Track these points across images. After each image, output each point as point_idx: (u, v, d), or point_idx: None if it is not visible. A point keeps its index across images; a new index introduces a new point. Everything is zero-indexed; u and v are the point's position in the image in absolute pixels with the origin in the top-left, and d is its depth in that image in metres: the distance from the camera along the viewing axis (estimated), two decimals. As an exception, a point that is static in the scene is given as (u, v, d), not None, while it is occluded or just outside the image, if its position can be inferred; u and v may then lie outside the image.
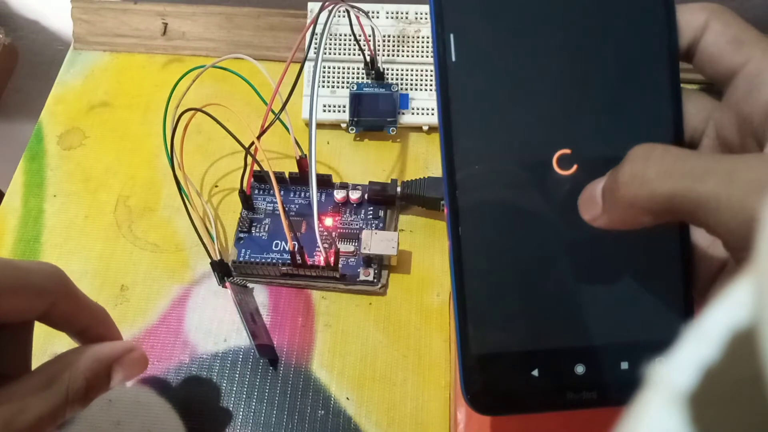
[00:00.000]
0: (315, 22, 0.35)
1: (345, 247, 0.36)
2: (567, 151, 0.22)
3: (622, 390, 0.22)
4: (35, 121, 0.42)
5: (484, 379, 0.22)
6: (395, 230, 0.37)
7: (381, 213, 0.38)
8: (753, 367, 0.08)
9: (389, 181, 0.37)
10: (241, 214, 0.37)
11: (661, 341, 0.21)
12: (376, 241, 0.34)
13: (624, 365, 0.22)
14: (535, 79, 0.22)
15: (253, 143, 0.34)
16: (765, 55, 0.20)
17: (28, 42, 0.53)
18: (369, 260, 0.36)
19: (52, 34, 0.53)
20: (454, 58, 0.21)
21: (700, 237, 0.22)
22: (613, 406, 0.22)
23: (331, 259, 0.34)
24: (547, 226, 0.22)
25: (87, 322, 0.26)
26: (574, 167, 0.22)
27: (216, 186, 0.40)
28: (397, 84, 0.40)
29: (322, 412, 0.33)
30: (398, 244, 0.35)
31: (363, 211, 0.38)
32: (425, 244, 0.37)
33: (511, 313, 0.22)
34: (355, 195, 0.37)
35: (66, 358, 0.24)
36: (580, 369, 0.22)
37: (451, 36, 0.21)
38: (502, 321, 0.22)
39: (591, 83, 0.22)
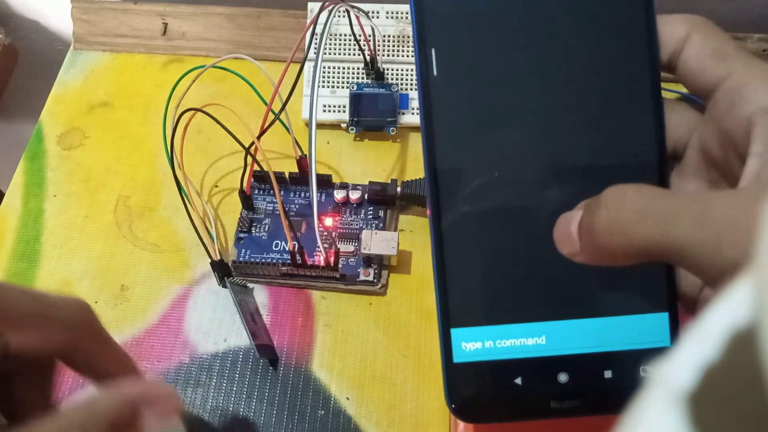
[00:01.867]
0: (315, 22, 0.35)
1: (345, 247, 0.36)
2: (547, 163, 0.22)
3: (605, 398, 0.22)
4: (35, 121, 0.42)
5: (468, 388, 0.22)
6: (395, 230, 0.37)
7: (381, 213, 0.38)
8: (753, 367, 0.08)
9: (389, 181, 0.37)
10: (241, 214, 0.37)
11: (645, 350, 0.22)
12: (376, 241, 0.34)
13: (607, 374, 0.22)
14: (516, 94, 0.22)
15: (253, 143, 0.34)
16: (745, 68, 0.20)
17: (28, 42, 0.53)
18: (369, 260, 0.36)
19: (52, 34, 0.53)
20: (435, 73, 0.22)
21: None
22: (596, 414, 0.22)
23: (331, 259, 0.34)
24: (530, 238, 0.22)
25: (111, 366, 0.24)
26: (554, 180, 0.22)
27: (216, 186, 0.40)
28: (397, 84, 0.40)
29: (322, 412, 0.33)
30: (398, 244, 0.35)
31: (363, 211, 0.38)
32: (425, 244, 0.37)
33: (494, 321, 0.22)
34: (355, 195, 0.37)
35: (89, 399, 0.21)
36: (563, 377, 0.22)
37: (433, 51, 0.22)
38: (486, 329, 0.22)
39: (571, 97, 0.22)
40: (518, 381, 0.22)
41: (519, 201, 0.22)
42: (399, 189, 0.37)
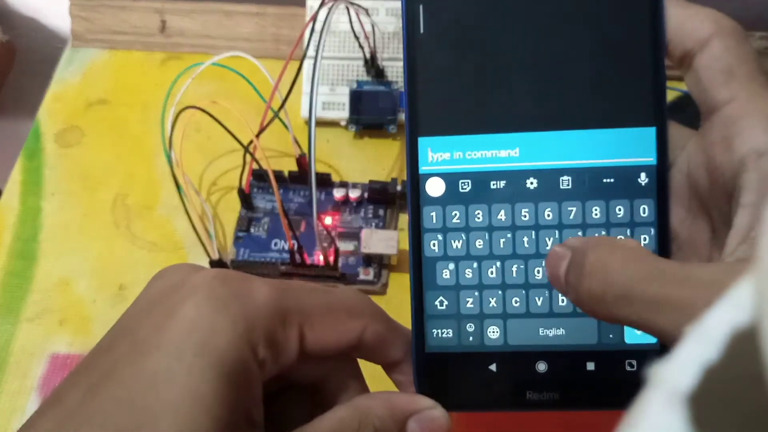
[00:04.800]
0: (314, 19, 0.35)
1: (345, 247, 0.36)
2: (537, 128, 0.21)
3: (587, 392, 0.21)
4: (33, 119, 0.42)
5: (439, 372, 0.21)
6: (395, 229, 0.37)
7: (381, 212, 0.37)
8: (753, 367, 0.08)
9: (389, 180, 0.37)
10: (240, 212, 0.37)
11: (630, 346, 0.21)
12: (376, 240, 0.34)
13: (590, 366, 0.21)
14: (503, 57, 0.21)
15: (252, 141, 0.34)
16: (750, 98, 0.18)
17: (26, 39, 0.53)
18: (369, 259, 0.36)
19: (50, 31, 0.53)
20: (422, 30, 0.21)
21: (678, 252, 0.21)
22: (576, 409, 0.21)
23: (331, 259, 0.34)
24: (512, 219, 0.21)
25: (401, 353, 0.23)
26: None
27: (215, 184, 0.40)
28: (397, 82, 0.40)
29: (321, 410, 0.33)
30: (398, 243, 0.35)
31: (363, 210, 0.38)
32: (424, 242, 0.37)
33: (471, 307, 0.21)
34: (354, 194, 0.37)
35: (360, 403, 0.21)
36: (542, 367, 0.21)
37: (420, 8, 0.21)
38: (462, 314, 0.21)
39: (564, 66, 0.21)
40: (493, 368, 0.21)
41: (502, 180, 0.21)
42: (399, 187, 0.37)
